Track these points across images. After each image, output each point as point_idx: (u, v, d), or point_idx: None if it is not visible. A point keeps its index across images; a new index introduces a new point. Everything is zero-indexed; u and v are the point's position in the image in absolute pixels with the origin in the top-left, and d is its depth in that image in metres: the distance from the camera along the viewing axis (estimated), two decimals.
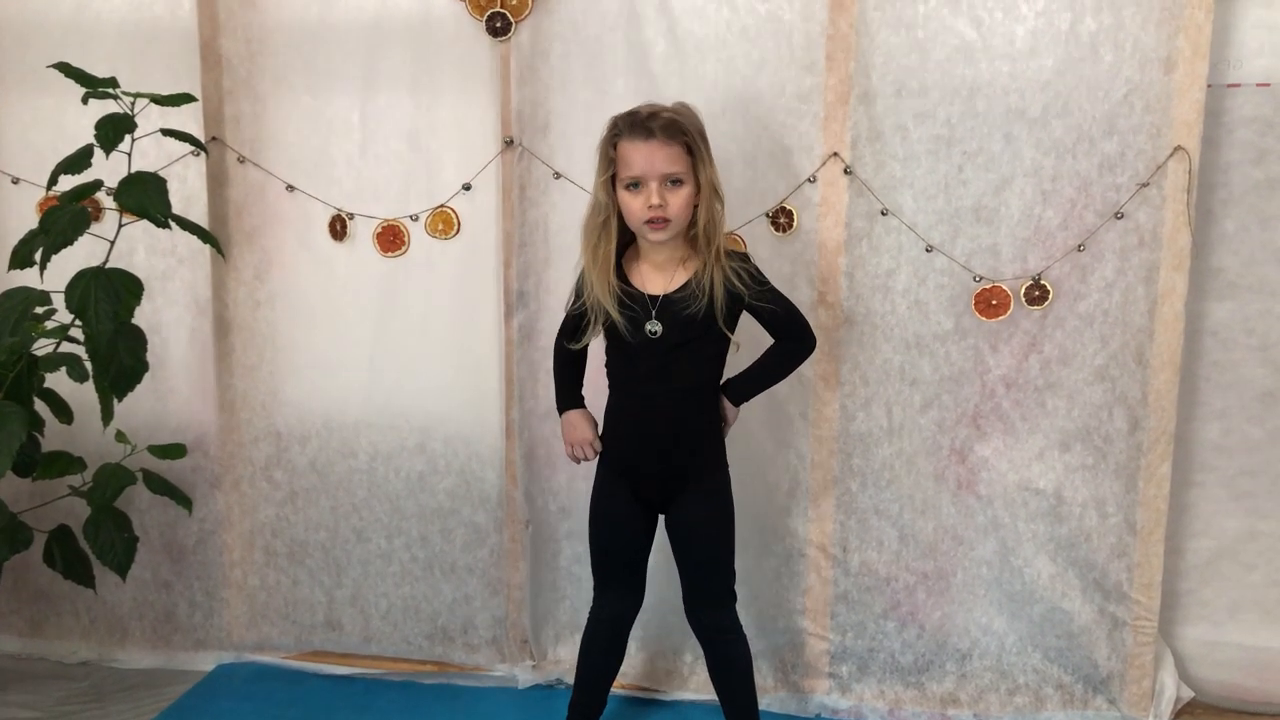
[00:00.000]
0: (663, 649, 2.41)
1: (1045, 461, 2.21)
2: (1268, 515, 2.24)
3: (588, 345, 2.01)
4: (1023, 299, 2.14)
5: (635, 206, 1.83)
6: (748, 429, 2.16)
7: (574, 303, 1.98)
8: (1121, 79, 2.04)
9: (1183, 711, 2.23)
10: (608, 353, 1.97)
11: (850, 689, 2.34)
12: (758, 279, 1.90)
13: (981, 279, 2.15)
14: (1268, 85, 2.09)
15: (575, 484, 2.36)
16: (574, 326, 1.98)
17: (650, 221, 1.83)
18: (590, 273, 1.89)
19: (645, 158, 1.80)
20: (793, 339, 1.98)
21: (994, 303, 2.15)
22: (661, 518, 2.03)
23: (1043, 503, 2.21)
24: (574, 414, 2.05)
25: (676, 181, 1.82)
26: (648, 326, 1.87)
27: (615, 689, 2.37)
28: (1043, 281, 2.12)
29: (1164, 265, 2.08)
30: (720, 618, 2.02)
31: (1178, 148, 2.04)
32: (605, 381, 2.00)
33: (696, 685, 2.38)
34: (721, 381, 1.98)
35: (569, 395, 2.07)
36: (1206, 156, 2.07)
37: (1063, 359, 2.16)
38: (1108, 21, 2.02)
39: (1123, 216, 2.08)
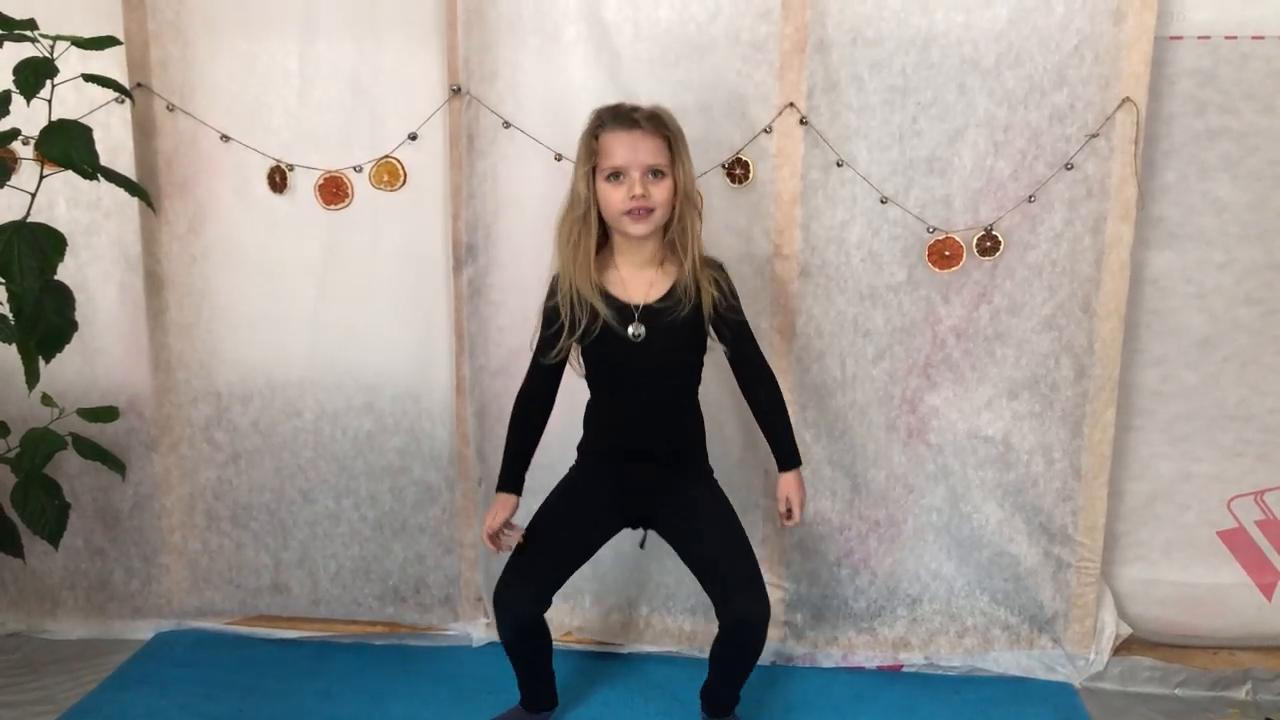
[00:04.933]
0: (618, 602, 2.41)
1: (994, 410, 2.25)
2: (1200, 458, 2.31)
3: (555, 388, 1.96)
4: (974, 250, 2.15)
5: (616, 198, 1.79)
6: (704, 386, 2.14)
7: (544, 317, 1.90)
8: (1072, 30, 2.05)
9: (1120, 647, 2.31)
10: (588, 367, 1.92)
11: (804, 636, 2.37)
12: (733, 292, 1.90)
13: (935, 230, 2.16)
14: (1208, 38, 2.12)
15: None
16: (549, 347, 1.89)
17: (631, 212, 1.78)
18: (569, 268, 1.83)
19: (629, 147, 1.77)
20: (751, 365, 1.96)
21: (947, 254, 2.16)
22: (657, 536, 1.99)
23: (991, 450, 2.26)
24: (502, 497, 1.95)
25: (659, 173, 1.79)
26: (630, 330, 1.84)
27: (571, 644, 2.39)
28: (994, 232, 2.14)
29: (1111, 215, 2.12)
30: (763, 610, 1.85)
31: (1126, 99, 2.06)
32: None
33: (653, 637, 2.40)
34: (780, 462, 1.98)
35: (510, 471, 1.97)
36: (1150, 108, 2.10)
37: (1012, 309, 2.19)
38: None
39: (1072, 167, 2.11)
